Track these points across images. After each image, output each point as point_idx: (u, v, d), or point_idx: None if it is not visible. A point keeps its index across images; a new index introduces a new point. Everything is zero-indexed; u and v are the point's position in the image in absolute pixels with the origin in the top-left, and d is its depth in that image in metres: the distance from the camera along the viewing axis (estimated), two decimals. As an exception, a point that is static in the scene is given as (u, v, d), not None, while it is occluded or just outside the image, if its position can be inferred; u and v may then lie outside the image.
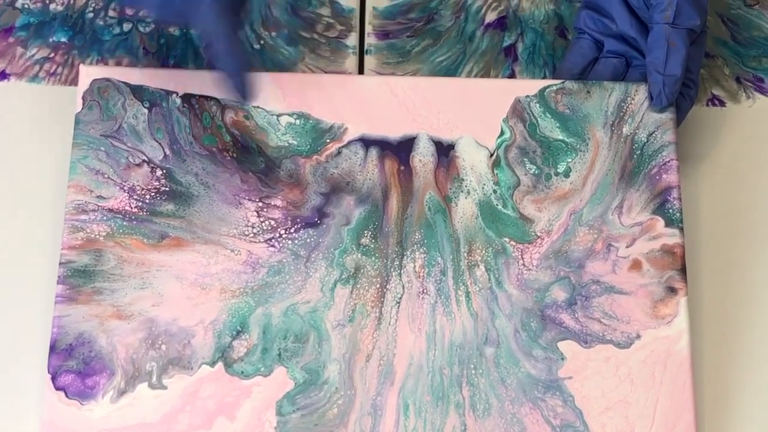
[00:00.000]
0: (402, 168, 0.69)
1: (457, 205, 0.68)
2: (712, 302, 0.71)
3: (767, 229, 0.73)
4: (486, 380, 0.63)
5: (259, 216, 0.67)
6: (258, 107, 0.69)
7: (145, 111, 0.69)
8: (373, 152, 0.69)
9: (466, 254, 0.66)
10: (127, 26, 0.79)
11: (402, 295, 0.65)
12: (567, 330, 0.65)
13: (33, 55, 0.77)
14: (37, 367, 0.66)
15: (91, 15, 0.79)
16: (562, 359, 0.64)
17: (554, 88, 0.71)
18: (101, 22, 0.79)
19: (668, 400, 0.63)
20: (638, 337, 0.65)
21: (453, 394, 0.63)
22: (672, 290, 0.66)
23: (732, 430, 0.67)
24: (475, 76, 0.79)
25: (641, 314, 0.65)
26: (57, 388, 0.63)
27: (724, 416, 0.67)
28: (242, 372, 0.63)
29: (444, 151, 0.69)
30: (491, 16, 0.81)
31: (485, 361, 0.64)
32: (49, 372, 0.63)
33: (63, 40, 0.78)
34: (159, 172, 0.67)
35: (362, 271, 0.66)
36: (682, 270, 0.66)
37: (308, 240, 0.66)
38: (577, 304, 0.65)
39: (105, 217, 0.66)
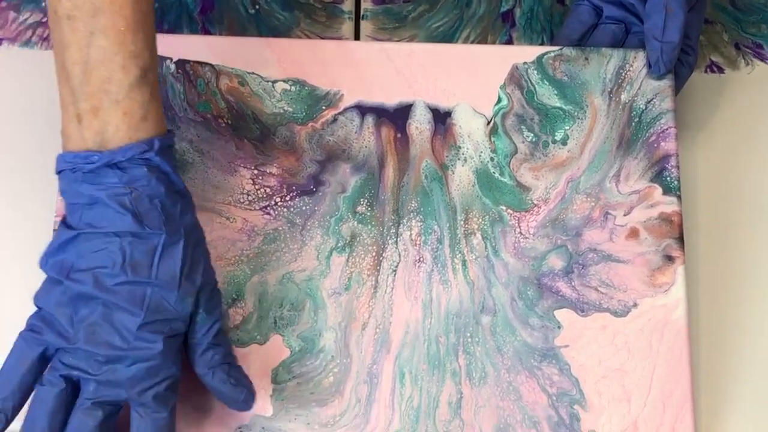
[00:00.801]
0: (398, 135, 0.68)
1: (453, 173, 0.67)
2: (709, 270, 0.70)
3: (765, 196, 0.73)
4: (482, 349, 0.63)
5: (254, 183, 0.66)
6: (253, 73, 0.69)
7: (139, 77, 0.68)
8: (369, 119, 0.68)
9: (462, 222, 0.66)
10: (120, -10, 0.78)
11: (398, 263, 0.65)
12: (564, 298, 0.65)
13: (26, 20, 0.76)
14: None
15: (83, -21, 0.78)
16: (559, 328, 0.64)
17: (552, 54, 0.70)
18: (94, -13, 0.78)
19: (665, 368, 0.63)
20: (635, 305, 0.65)
21: (449, 363, 0.63)
22: (669, 258, 0.66)
23: (728, 398, 0.67)
24: (473, 42, 0.78)
25: (638, 282, 0.65)
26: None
27: (721, 385, 0.67)
28: (238, 340, 0.63)
29: (441, 118, 0.68)
30: (489, -19, 0.80)
31: (482, 329, 0.64)
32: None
33: (55, 4, 0.77)
34: (153, 139, 0.67)
35: (358, 239, 0.65)
36: (680, 238, 0.66)
37: (304, 208, 0.66)
38: (574, 273, 0.65)
39: (99, 185, 0.65)
